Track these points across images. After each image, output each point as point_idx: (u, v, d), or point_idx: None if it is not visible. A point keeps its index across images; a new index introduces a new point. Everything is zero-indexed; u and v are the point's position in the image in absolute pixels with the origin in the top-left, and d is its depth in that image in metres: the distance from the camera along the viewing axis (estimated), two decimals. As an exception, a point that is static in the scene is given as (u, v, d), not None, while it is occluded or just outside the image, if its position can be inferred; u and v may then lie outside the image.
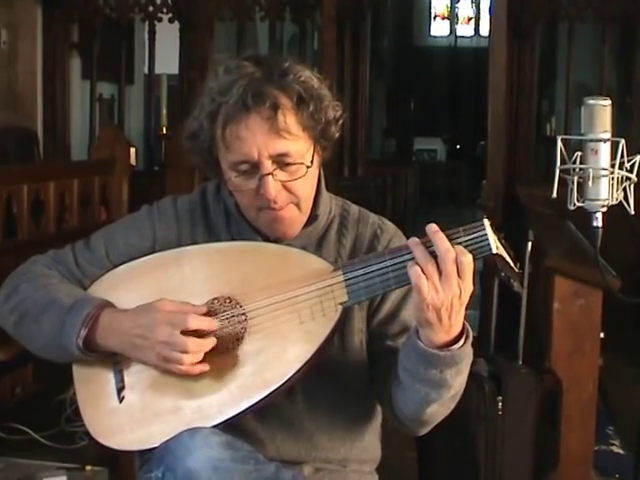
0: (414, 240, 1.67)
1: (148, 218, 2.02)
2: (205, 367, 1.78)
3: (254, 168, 1.82)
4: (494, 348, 3.43)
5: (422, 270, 1.64)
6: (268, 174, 1.81)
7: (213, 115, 1.84)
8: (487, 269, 1.56)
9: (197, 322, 1.78)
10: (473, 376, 1.82)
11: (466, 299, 1.66)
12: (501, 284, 3.26)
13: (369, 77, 8.41)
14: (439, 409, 1.82)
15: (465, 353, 1.73)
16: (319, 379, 1.87)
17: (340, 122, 1.92)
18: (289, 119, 1.81)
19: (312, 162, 1.87)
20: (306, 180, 1.87)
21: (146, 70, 7.68)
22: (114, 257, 1.99)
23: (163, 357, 1.78)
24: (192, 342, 1.76)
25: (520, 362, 3.34)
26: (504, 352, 3.34)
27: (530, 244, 3.33)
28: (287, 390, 1.82)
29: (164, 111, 7.60)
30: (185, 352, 1.76)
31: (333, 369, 1.91)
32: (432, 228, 1.66)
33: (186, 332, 1.77)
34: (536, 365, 3.13)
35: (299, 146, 1.83)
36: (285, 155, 1.82)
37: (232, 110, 1.80)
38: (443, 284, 1.63)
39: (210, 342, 1.78)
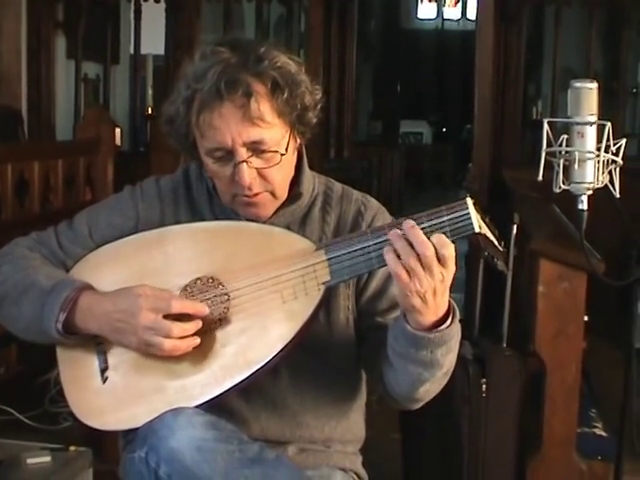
0: (396, 232, 1.65)
1: (131, 198, 2.01)
2: (188, 348, 1.78)
3: (229, 155, 1.82)
4: (479, 331, 3.43)
5: (405, 263, 1.62)
6: (242, 162, 1.81)
7: (188, 102, 1.83)
8: (472, 251, 1.56)
9: (180, 305, 1.77)
10: (457, 359, 1.81)
11: (449, 281, 1.66)
12: (486, 267, 3.27)
13: (356, 59, 8.40)
14: (432, 387, 1.82)
15: (454, 331, 1.73)
16: (304, 357, 1.87)
17: (319, 107, 1.90)
18: (263, 106, 1.79)
19: (287, 149, 1.86)
20: (281, 167, 1.86)
21: (132, 50, 7.63)
22: (97, 237, 1.98)
23: (145, 341, 1.77)
24: (176, 327, 1.75)
25: (504, 345, 3.35)
26: (489, 335, 3.35)
27: (515, 227, 3.33)
28: (271, 368, 1.82)
29: (150, 92, 7.56)
30: (168, 337, 1.75)
31: (318, 347, 1.91)
32: (408, 224, 1.64)
33: (169, 316, 1.76)
34: (520, 348, 3.14)
35: (274, 133, 1.82)
36: (259, 143, 1.81)
37: (206, 98, 1.79)
38: (425, 273, 1.62)
39: (194, 326, 1.78)
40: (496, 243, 1.71)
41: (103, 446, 2.93)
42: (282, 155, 1.84)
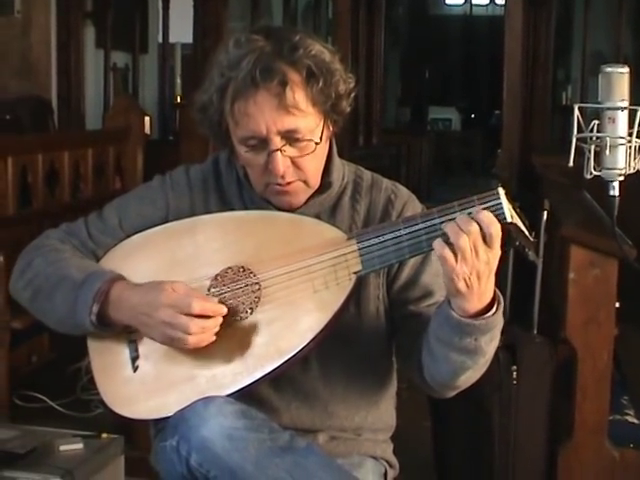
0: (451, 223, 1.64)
1: (161, 188, 2.01)
2: (211, 338, 1.78)
3: (263, 144, 1.81)
4: (509, 318, 3.42)
5: (455, 243, 1.61)
6: (276, 150, 1.80)
7: (222, 90, 1.82)
8: (502, 238, 1.55)
9: (200, 306, 1.76)
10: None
11: (495, 265, 1.66)
12: (516, 253, 3.25)
13: (384, 46, 8.37)
14: (472, 374, 1.82)
15: (498, 319, 1.72)
16: (334, 347, 1.87)
17: (352, 95, 1.90)
18: (298, 95, 1.78)
19: (321, 138, 1.85)
20: (315, 156, 1.85)
21: (160, 39, 7.64)
22: (127, 227, 1.99)
23: (167, 336, 1.78)
24: (194, 324, 1.75)
25: (535, 332, 3.33)
26: (519, 322, 3.34)
27: (545, 213, 3.31)
28: (302, 359, 1.82)
29: (178, 80, 7.59)
30: (187, 333, 1.75)
31: (349, 337, 1.91)
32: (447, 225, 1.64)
33: (190, 314, 1.76)
34: (551, 335, 3.12)
35: (308, 122, 1.82)
36: (294, 131, 1.80)
37: (241, 86, 1.78)
38: (471, 254, 1.62)
39: (214, 323, 1.77)
40: (527, 233, 1.70)
41: (135, 434, 2.94)
42: (316, 144, 1.83)
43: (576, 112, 2.19)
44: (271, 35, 1.83)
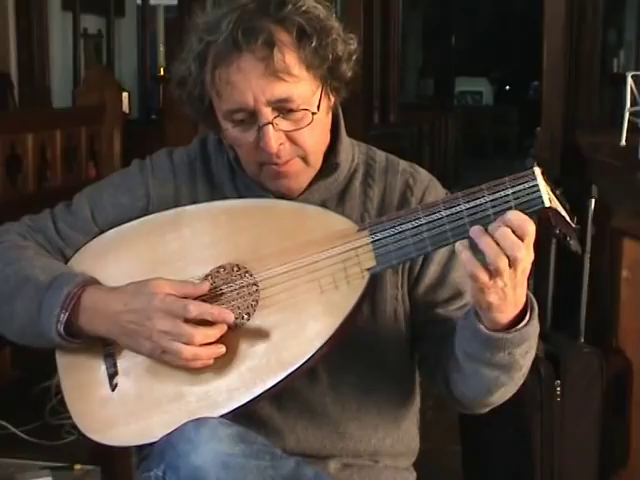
0: (479, 229, 1.62)
1: (140, 174, 2.02)
2: (209, 359, 1.78)
3: (251, 117, 1.81)
4: (551, 324, 3.43)
5: (492, 264, 1.59)
6: (267, 124, 1.80)
7: (201, 57, 1.82)
8: (542, 230, 1.54)
9: (199, 310, 1.76)
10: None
11: (529, 268, 1.65)
12: (559, 247, 3.26)
13: (402, 7, 8.37)
14: (508, 389, 1.82)
15: (533, 328, 1.72)
16: (346, 356, 1.87)
17: (354, 58, 1.90)
18: (288, 57, 1.78)
19: (319, 107, 1.85)
20: (313, 129, 1.85)
21: (139, 0, 7.66)
22: (101, 221, 1.99)
23: (161, 347, 1.77)
24: (199, 333, 1.75)
25: (582, 340, 3.34)
26: (563, 329, 3.34)
27: (593, 202, 3.32)
28: (309, 371, 1.82)
29: (161, 49, 7.60)
30: (189, 344, 1.75)
31: (363, 344, 1.91)
32: (475, 231, 1.62)
33: (189, 321, 1.76)
34: (600, 343, 3.13)
35: (302, 89, 1.81)
36: (286, 100, 1.80)
37: (221, 50, 1.78)
38: (510, 268, 1.60)
39: (218, 330, 1.77)
40: (568, 219, 1.70)
41: (113, 464, 2.95)
42: (313, 114, 1.83)
43: (629, 82, 2.20)
44: None
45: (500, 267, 1.59)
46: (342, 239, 1.78)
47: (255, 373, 1.78)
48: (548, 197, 1.63)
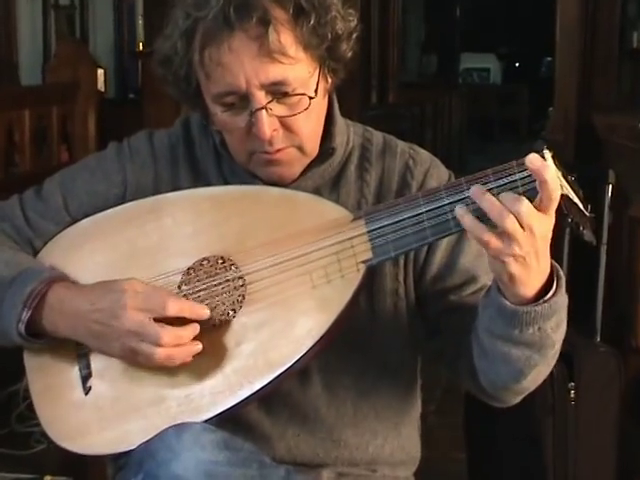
0: (479, 189, 1.61)
1: (117, 159, 2.02)
2: (187, 358, 1.78)
3: (243, 101, 1.81)
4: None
5: (500, 225, 1.58)
6: (261, 108, 1.80)
7: (188, 35, 1.81)
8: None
9: (178, 307, 1.77)
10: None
11: (549, 235, 1.63)
12: (572, 238, 3.26)
13: (402, -24, 8.37)
14: (542, 370, 1.81)
15: (562, 299, 1.71)
16: (341, 356, 1.88)
17: (354, 37, 1.89)
18: (284, 37, 1.78)
19: (317, 91, 1.85)
20: (310, 114, 1.85)
21: (115, -32, 7.65)
22: (74, 209, 1.99)
23: (130, 349, 1.77)
24: (167, 333, 1.75)
25: (598, 339, 3.34)
26: (577, 325, 3.34)
27: (610, 188, 3.32)
28: (300, 372, 1.83)
29: (140, 21, 7.57)
30: (158, 345, 1.75)
31: (359, 343, 1.91)
32: (475, 192, 1.61)
33: (160, 319, 1.76)
34: (618, 342, 3.14)
35: (299, 71, 1.81)
36: (281, 83, 1.80)
37: (211, 28, 1.77)
38: (525, 231, 1.58)
39: (191, 331, 1.77)
40: (581, 207, 1.70)
41: (87, 474, 2.96)
42: (311, 99, 1.83)
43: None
44: None
45: (508, 227, 1.57)
46: (336, 229, 1.78)
47: (241, 375, 1.78)
48: (560, 183, 1.63)
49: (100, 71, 5.50)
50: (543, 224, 1.60)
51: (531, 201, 1.60)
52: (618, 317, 3.41)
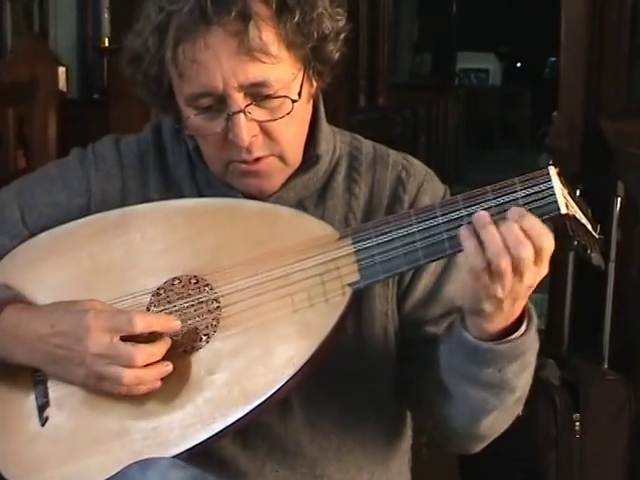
0: (484, 216, 1.61)
1: (80, 166, 2.01)
2: (156, 382, 1.77)
3: (220, 104, 1.81)
4: (569, 346, 3.44)
5: (493, 262, 1.59)
6: (239, 111, 1.79)
7: (161, 30, 1.80)
8: (558, 237, 1.53)
9: (146, 322, 1.76)
10: (538, 384, 1.81)
11: (535, 284, 1.64)
12: (577, 258, 3.27)
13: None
14: (500, 418, 1.83)
15: (530, 341, 1.72)
16: (325, 386, 1.87)
17: (342, 37, 1.89)
18: (266, 34, 1.77)
19: (300, 94, 1.84)
20: (292, 120, 1.84)
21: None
22: (32, 222, 1.99)
23: (96, 374, 1.76)
24: (141, 352, 1.74)
25: (605, 365, 3.35)
26: (583, 352, 3.35)
27: (620, 201, 3.33)
28: (280, 403, 1.82)
29: (106, 15, 7.57)
30: (130, 366, 1.74)
31: (345, 371, 1.90)
32: (480, 219, 1.62)
33: (127, 338, 1.75)
34: (628, 370, 3.14)
35: (281, 72, 1.81)
36: (262, 85, 1.79)
37: (186, 22, 1.77)
38: (515, 277, 1.60)
39: (162, 346, 1.77)
40: (589, 228, 1.70)
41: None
42: (294, 102, 1.83)
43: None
44: None
45: (501, 267, 1.59)
46: (320, 248, 1.78)
47: (214, 406, 1.77)
48: (565, 202, 1.63)
49: (61, 69, 5.48)
50: (536, 275, 1.62)
51: None
52: (627, 341, 3.42)
